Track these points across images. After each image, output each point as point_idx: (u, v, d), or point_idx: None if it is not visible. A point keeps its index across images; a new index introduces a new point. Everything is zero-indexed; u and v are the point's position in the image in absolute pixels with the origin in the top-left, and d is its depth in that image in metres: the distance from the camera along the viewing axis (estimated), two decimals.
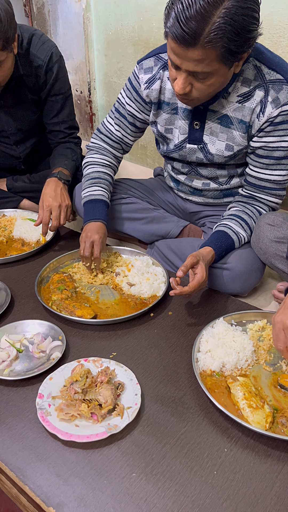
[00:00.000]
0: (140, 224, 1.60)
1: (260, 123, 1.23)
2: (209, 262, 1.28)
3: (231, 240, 1.33)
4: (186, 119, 1.34)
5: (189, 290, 1.19)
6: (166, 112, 1.38)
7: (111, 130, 1.51)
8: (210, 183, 1.47)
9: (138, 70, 1.37)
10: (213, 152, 1.35)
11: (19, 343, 1.18)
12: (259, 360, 1.13)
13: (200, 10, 0.95)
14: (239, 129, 1.28)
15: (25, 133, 1.79)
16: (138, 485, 0.86)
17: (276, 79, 1.19)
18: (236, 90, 1.23)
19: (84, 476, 0.88)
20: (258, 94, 1.21)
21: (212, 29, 0.97)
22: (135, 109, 1.43)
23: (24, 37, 1.59)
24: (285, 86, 1.18)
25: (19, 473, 0.88)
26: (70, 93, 1.75)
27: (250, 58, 1.20)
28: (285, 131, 1.23)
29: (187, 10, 0.96)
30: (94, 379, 1.04)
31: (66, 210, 1.57)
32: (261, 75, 1.20)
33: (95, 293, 1.40)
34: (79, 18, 2.40)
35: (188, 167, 1.46)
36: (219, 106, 1.27)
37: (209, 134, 1.33)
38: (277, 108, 1.19)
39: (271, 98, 1.20)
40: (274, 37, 1.72)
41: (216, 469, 0.89)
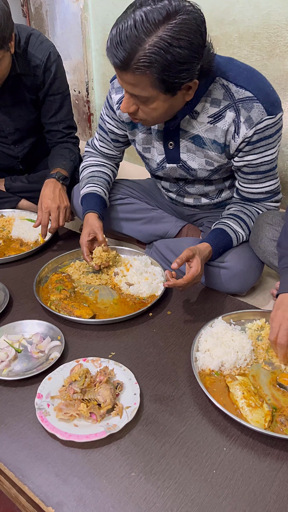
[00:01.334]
0: (139, 224, 1.60)
1: (237, 144, 1.21)
2: (205, 258, 1.27)
3: (229, 238, 1.33)
4: (160, 140, 1.33)
5: (182, 283, 1.19)
6: (142, 132, 1.37)
7: (97, 146, 1.54)
8: (201, 199, 1.48)
9: (111, 89, 1.38)
10: (195, 167, 1.33)
11: (18, 343, 1.18)
12: (258, 359, 1.13)
13: (132, 36, 0.95)
14: (213, 150, 1.26)
15: (23, 132, 1.79)
16: (138, 484, 0.86)
17: (246, 97, 1.15)
18: (206, 111, 1.21)
19: (83, 475, 0.87)
20: (229, 115, 1.18)
21: (141, 55, 0.96)
22: (114, 127, 1.44)
23: (22, 36, 1.58)
24: (256, 104, 1.15)
25: (18, 473, 0.88)
26: (68, 93, 1.75)
27: (216, 77, 1.17)
28: (264, 147, 1.22)
29: (120, 35, 0.96)
30: (93, 379, 1.04)
31: (65, 212, 1.57)
32: (230, 94, 1.17)
33: (94, 293, 1.40)
34: (77, 18, 2.40)
35: (176, 186, 1.47)
36: (189, 126, 1.25)
37: (186, 151, 1.31)
38: (251, 128, 1.17)
39: (243, 118, 1.17)
40: (272, 37, 1.72)
41: (215, 468, 0.89)
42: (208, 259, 1.31)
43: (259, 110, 1.15)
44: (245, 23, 1.77)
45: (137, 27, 0.95)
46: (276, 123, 1.19)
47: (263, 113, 1.16)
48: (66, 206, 1.58)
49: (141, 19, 0.94)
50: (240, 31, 1.80)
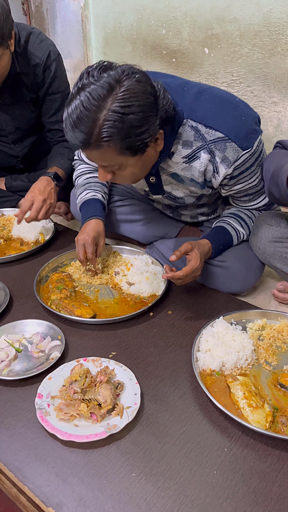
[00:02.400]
0: (138, 225, 1.59)
1: (219, 181, 1.21)
2: (205, 254, 1.26)
3: (229, 236, 1.33)
4: None
5: (181, 275, 1.18)
6: None
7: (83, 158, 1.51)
8: (198, 216, 1.49)
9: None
10: (181, 195, 1.34)
11: (18, 342, 1.17)
12: (259, 359, 1.13)
13: (84, 117, 0.96)
14: (193, 186, 1.27)
15: (23, 132, 1.79)
16: (138, 484, 0.86)
17: (217, 138, 1.13)
18: (179, 152, 1.20)
19: (84, 476, 0.87)
20: (204, 157, 1.17)
21: (98, 132, 0.97)
22: None
23: (22, 35, 1.58)
24: (229, 144, 1.13)
25: (18, 473, 0.88)
26: (69, 92, 1.74)
27: (183, 120, 1.15)
28: (249, 176, 1.22)
29: (71, 118, 0.97)
30: (94, 378, 1.03)
31: (48, 207, 1.55)
32: (200, 135, 1.15)
33: (94, 292, 1.39)
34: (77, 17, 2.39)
35: (170, 208, 1.47)
36: (166, 165, 1.24)
37: (168, 184, 1.31)
38: (229, 167, 1.16)
39: (219, 159, 1.16)
40: (273, 35, 1.71)
41: (216, 469, 0.88)
42: (208, 255, 1.30)
43: (234, 149, 1.14)
44: (246, 21, 1.76)
45: (86, 107, 0.95)
46: (253, 153, 1.17)
47: (238, 151, 1.14)
48: (51, 203, 1.57)
49: (87, 98, 0.95)
50: (241, 29, 1.79)
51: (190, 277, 1.22)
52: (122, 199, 1.60)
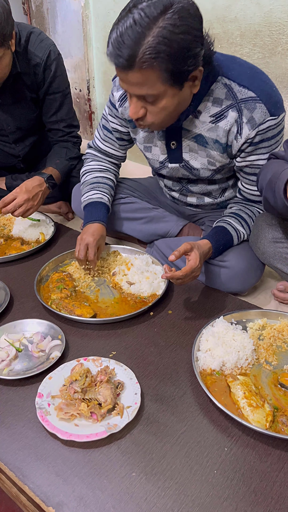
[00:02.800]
0: (139, 224, 1.59)
1: (239, 145, 1.21)
2: (205, 254, 1.26)
3: (230, 236, 1.33)
4: (162, 139, 1.32)
5: (180, 274, 1.18)
6: (143, 131, 1.36)
7: (100, 146, 1.53)
8: (204, 198, 1.47)
9: (113, 87, 1.37)
10: (198, 167, 1.33)
11: (19, 342, 1.17)
12: (259, 359, 1.13)
13: (133, 33, 0.95)
14: (215, 149, 1.26)
15: (24, 131, 1.79)
16: (138, 484, 0.86)
17: (249, 97, 1.15)
18: (208, 110, 1.20)
19: (84, 475, 0.87)
20: (232, 115, 1.18)
21: (146, 49, 0.96)
22: (118, 125, 1.43)
23: (22, 35, 1.58)
24: (258, 104, 1.14)
25: (19, 472, 0.88)
26: (69, 91, 1.75)
27: (218, 76, 1.16)
28: (267, 148, 1.22)
29: (121, 35, 0.96)
30: (94, 378, 1.03)
31: (28, 208, 1.55)
32: (232, 94, 1.16)
33: (95, 292, 1.39)
34: (78, 16, 2.39)
35: (179, 185, 1.46)
36: (192, 126, 1.24)
37: (188, 151, 1.30)
38: (253, 129, 1.17)
39: (246, 119, 1.16)
40: (274, 34, 1.71)
41: (216, 468, 0.88)
42: (209, 256, 1.30)
43: (262, 111, 1.15)
44: (246, 21, 1.76)
45: (137, 24, 0.95)
46: (278, 124, 1.18)
47: (266, 114, 1.15)
48: (33, 204, 1.57)
49: (140, 16, 0.95)
50: (241, 28, 1.79)
51: (190, 277, 1.21)
52: (124, 197, 1.60)
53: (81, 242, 1.39)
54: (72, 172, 1.82)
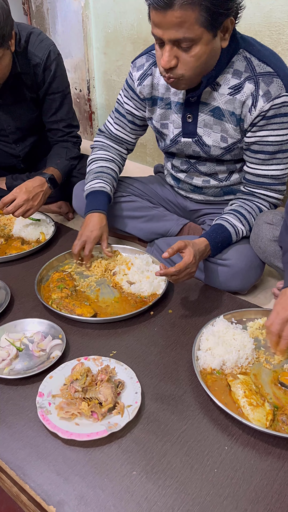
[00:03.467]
0: (140, 222, 1.60)
1: (252, 117, 1.22)
2: (201, 251, 1.25)
3: (228, 232, 1.32)
4: (178, 113, 1.34)
5: (173, 270, 1.17)
6: (160, 108, 1.38)
7: (111, 129, 1.54)
8: (210, 180, 1.47)
9: (132, 69, 1.40)
10: (209, 143, 1.34)
11: (19, 341, 1.18)
12: (259, 358, 1.13)
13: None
14: (231, 122, 1.27)
15: (24, 131, 1.79)
16: (139, 483, 0.86)
17: (266, 72, 1.18)
18: (227, 82, 1.23)
19: (85, 474, 0.87)
20: (248, 87, 1.20)
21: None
22: (133, 107, 1.45)
23: (22, 35, 1.58)
24: (275, 79, 1.18)
25: (20, 471, 0.88)
26: (69, 92, 1.75)
27: (240, 49, 1.20)
28: (278, 125, 1.23)
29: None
30: (94, 377, 1.03)
31: (28, 209, 1.56)
32: (252, 67, 1.20)
33: (95, 291, 1.40)
34: (78, 16, 2.40)
35: (187, 164, 1.46)
36: (210, 99, 1.27)
37: (203, 126, 1.32)
38: (268, 102, 1.19)
39: (262, 92, 1.19)
40: (274, 34, 1.71)
41: (217, 467, 0.89)
42: (207, 254, 1.30)
43: (278, 85, 1.17)
44: (246, 21, 1.76)
45: None
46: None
47: (282, 89, 1.18)
48: (33, 205, 1.57)
49: None
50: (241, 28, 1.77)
51: (185, 274, 1.21)
52: (124, 196, 1.60)
53: (80, 237, 1.41)
54: (72, 172, 1.82)
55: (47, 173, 1.64)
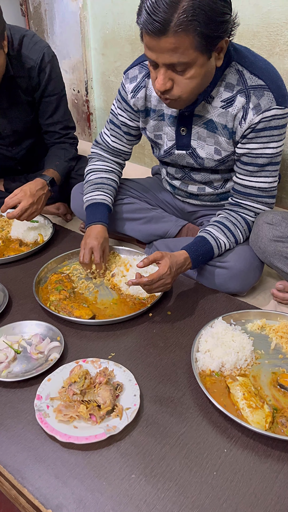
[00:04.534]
0: (139, 224, 1.59)
1: (243, 130, 1.22)
2: (178, 263, 1.24)
3: (209, 245, 1.31)
4: (172, 126, 1.33)
5: (146, 280, 1.17)
6: (153, 119, 1.38)
7: (108, 141, 1.53)
8: (205, 188, 1.47)
9: (124, 80, 1.38)
10: (203, 156, 1.34)
11: (17, 344, 1.17)
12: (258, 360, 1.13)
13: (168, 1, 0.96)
14: (224, 135, 1.27)
15: (20, 134, 1.78)
16: (138, 486, 0.85)
17: (258, 85, 1.17)
18: (220, 95, 1.22)
19: (83, 477, 0.87)
20: (240, 100, 1.20)
21: (181, 13, 0.97)
22: (127, 118, 1.44)
23: (15, 38, 1.57)
24: (267, 92, 1.17)
25: (18, 475, 0.88)
26: (64, 93, 1.74)
27: (232, 62, 1.19)
28: (267, 138, 1.22)
29: (155, 3, 0.97)
30: (93, 380, 1.03)
31: (33, 212, 1.55)
32: (243, 80, 1.19)
33: (94, 293, 1.39)
34: (76, 17, 2.39)
35: (182, 172, 1.46)
36: (204, 111, 1.26)
37: (197, 139, 1.32)
38: (258, 115, 1.18)
39: (252, 105, 1.18)
40: (272, 35, 1.71)
41: (216, 470, 0.88)
42: (187, 266, 1.28)
43: (269, 98, 1.17)
44: (245, 22, 1.76)
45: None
46: (283, 116, 1.20)
47: (273, 102, 1.17)
48: (37, 208, 1.57)
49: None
50: (239, 29, 1.78)
51: (158, 285, 1.20)
52: (123, 198, 1.60)
53: (85, 246, 1.39)
54: (70, 173, 1.82)
55: (48, 175, 1.63)
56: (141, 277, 1.19)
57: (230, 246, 1.36)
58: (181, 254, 1.27)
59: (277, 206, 1.94)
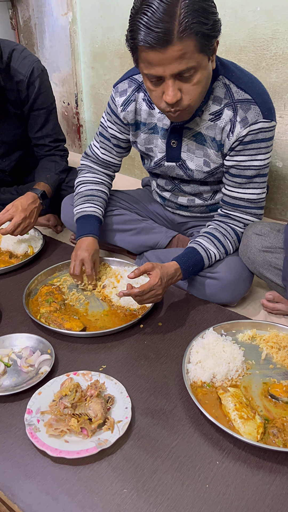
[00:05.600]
0: (129, 235, 1.60)
1: (231, 143, 1.24)
2: (169, 274, 1.25)
3: (200, 256, 1.32)
4: (163, 138, 1.35)
5: (137, 291, 1.18)
6: (144, 133, 1.39)
7: (98, 154, 1.53)
8: (195, 199, 1.48)
9: (114, 94, 1.39)
10: (192, 168, 1.35)
11: (7, 357, 1.16)
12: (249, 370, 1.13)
13: (164, 9, 0.98)
14: (212, 147, 1.29)
15: (10, 146, 1.78)
16: (130, 501, 0.84)
17: (244, 99, 1.20)
18: (208, 108, 1.25)
19: (74, 493, 0.86)
20: (227, 114, 1.22)
21: (181, 19, 0.99)
22: (117, 131, 1.45)
23: (4, 52, 1.58)
24: (253, 106, 1.19)
25: (8, 491, 0.86)
26: (54, 107, 1.75)
27: (219, 76, 1.21)
28: (255, 150, 1.24)
29: (152, 16, 0.99)
30: (84, 393, 1.02)
31: (26, 226, 1.56)
32: (230, 93, 1.21)
33: (84, 305, 1.39)
34: (65, 31, 2.42)
35: (172, 184, 1.47)
36: (193, 124, 1.28)
37: (186, 151, 1.34)
38: (245, 128, 1.20)
39: (239, 118, 1.20)
40: (258, 50, 1.75)
41: (208, 483, 0.88)
42: (178, 277, 1.28)
43: (256, 112, 1.19)
44: (232, 37, 1.80)
45: (165, 2, 0.98)
46: (270, 129, 1.22)
47: (259, 115, 1.19)
48: (30, 222, 1.57)
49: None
50: (227, 44, 1.82)
51: (149, 295, 1.21)
52: (113, 209, 1.60)
53: (75, 258, 1.39)
54: (61, 185, 1.82)
55: (39, 189, 1.63)
56: (132, 288, 1.19)
57: (220, 257, 1.37)
58: (171, 265, 1.27)
59: (265, 217, 1.96)
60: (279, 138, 1.82)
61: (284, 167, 1.87)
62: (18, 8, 2.64)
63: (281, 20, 1.64)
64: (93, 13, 2.26)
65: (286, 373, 1.13)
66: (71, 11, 2.32)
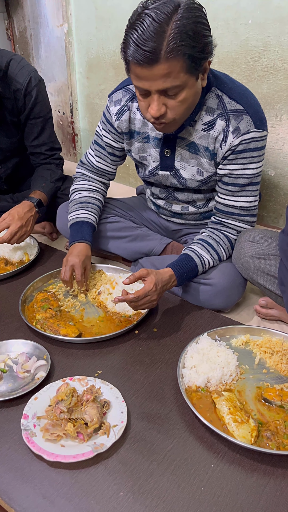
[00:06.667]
0: (124, 242, 1.61)
1: (223, 152, 1.27)
2: (164, 280, 1.26)
3: (194, 263, 1.34)
4: (157, 148, 1.38)
5: (132, 297, 1.19)
6: (138, 141, 1.42)
7: (93, 162, 1.55)
8: (189, 207, 1.51)
9: (109, 103, 1.42)
10: (186, 177, 1.38)
11: (3, 363, 1.16)
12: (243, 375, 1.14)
13: (155, 28, 1.01)
14: (205, 156, 1.32)
15: (5, 153, 1.80)
16: (126, 504, 0.85)
17: (237, 109, 1.23)
18: (201, 119, 1.27)
19: (71, 497, 0.86)
20: (220, 124, 1.25)
21: (170, 40, 1.02)
22: (112, 140, 1.47)
23: (2, 61, 1.60)
24: (245, 116, 1.23)
25: (5, 496, 0.87)
26: (50, 116, 1.77)
27: (212, 87, 1.24)
28: (247, 159, 1.27)
29: (142, 34, 1.01)
30: (80, 398, 1.03)
31: (22, 234, 1.57)
32: (223, 104, 1.25)
33: (80, 311, 1.40)
34: (61, 42, 2.46)
35: (165, 192, 1.50)
36: (187, 134, 1.31)
37: (180, 160, 1.36)
38: (237, 137, 1.23)
39: (232, 128, 1.24)
40: (250, 62, 1.79)
41: (203, 485, 0.89)
42: (171, 284, 1.30)
43: (248, 122, 1.22)
44: (224, 49, 1.84)
45: (156, 21, 1.00)
46: (261, 138, 1.25)
47: (251, 125, 1.22)
48: (27, 230, 1.58)
49: (156, 14, 1.01)
50: (219, 56, 1.86)
51: (144, 301, 1.22)
52: (108, 216, 1.62)
53: (66, 263, 1.40)
54: (57, 193, 1.84)
55: (35, 197, 1.65)
56: (127, 294, 1.20)
57: (214, 264, 1.39)
58: (166, 271, 1.29)
59: (258, 224, 1.99)
60: (271, 148, 1.86)
61: (276, 176, 1.91)
62: (14, 19, 2.68)
63: (272, 33, 1.69)
64: (88, 25, 2.30)
65: (279, 377, 1.15)
66: (67, 23, 2.36)
